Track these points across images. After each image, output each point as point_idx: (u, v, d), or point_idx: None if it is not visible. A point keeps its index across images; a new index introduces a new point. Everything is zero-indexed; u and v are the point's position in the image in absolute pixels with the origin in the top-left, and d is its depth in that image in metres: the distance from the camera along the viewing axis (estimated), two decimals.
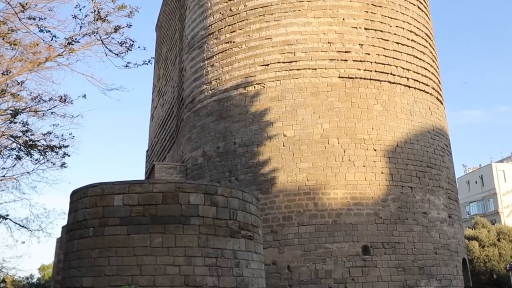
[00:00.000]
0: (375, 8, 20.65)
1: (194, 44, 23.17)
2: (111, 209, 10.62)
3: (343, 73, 19.57)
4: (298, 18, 20.16)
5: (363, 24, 20.28)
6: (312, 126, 18.92)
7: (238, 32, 20.93)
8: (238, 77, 20.46)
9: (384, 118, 19.44)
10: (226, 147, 20.10)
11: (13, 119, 18.00)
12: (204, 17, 22.75)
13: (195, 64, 22.76)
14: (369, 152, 18.82)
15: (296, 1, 20.37)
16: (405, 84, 20.44)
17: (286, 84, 19.59)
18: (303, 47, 19.83)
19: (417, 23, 21.85)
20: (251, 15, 20.83)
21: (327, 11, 20.19)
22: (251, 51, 20.40)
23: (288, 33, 20.06)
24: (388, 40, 20.47)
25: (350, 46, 19.90)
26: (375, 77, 19.83)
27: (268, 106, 19.56)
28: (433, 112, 21.31)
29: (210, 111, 21.15)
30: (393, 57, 20.39)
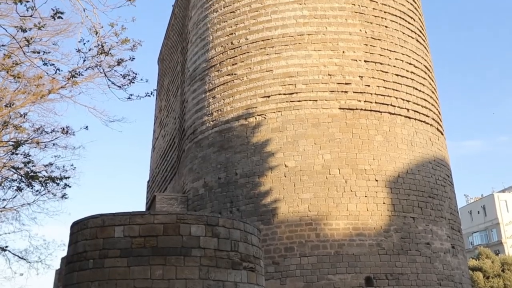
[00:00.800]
0: (374, 41, 20.99)
1: (195, 76, 23.46)
2: (112, 241, 10.54)
3: (343, 105, 19.74)
4: (298, 51, 20.47)
5: (363, 57, 20.58)
6: (313, 157, 18.96)
7: (240, 64, 21.23)
8: (239, 109, 20.63)
9: (385, 148, 19.50)
10: (227, 177, 20.10)
11: (14, 150, 18.07)
12: (205, 50, 23.10)
13: (196, 96, 22.98)
14: (371, 182, 18.80)
15: (297, 34, 20.74)
16: (406, 115, 20.58)
17: (287, 115, 19.74)
18: (303, 79, 20.07)
19: (416, 56, 22.16)
20: (252, 48, 21.17)
21: (327, 44, 20.52)
22: (252, 83, 20.64)
23: (288, 65, 20.33)
24: (387, 72, 20.72)
25: (350, 78, 20.14)
26: (376, 108, 19.99)
27: (269, 137, 19.66)
28: (433, 142, 21.38)
29: (212, 142, 21.24)
30: (393, 89, 20.61)
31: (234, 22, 22.06)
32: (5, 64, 15.88)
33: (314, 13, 20.96)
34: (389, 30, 21.54)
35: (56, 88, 19.62)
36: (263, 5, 21.55)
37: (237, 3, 22.27)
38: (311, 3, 21.12)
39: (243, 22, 21.81)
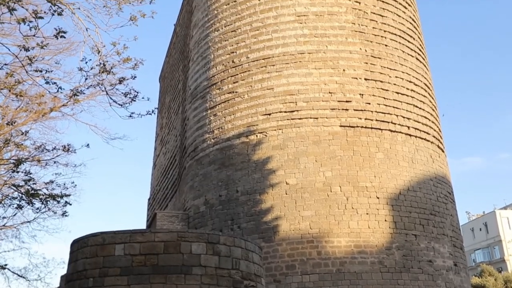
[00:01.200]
0: (374, 60, 21.13)
1: (197, 94, 23.58)
2: (112, 259, 10.50)
3: (344, 122, 19.81)
4: (299, 69, 20.61)
5: (363, 75, 20.71)
6: (314, 174, 18.96)
7: (241, 82, 21.36)
8: (240, 126, 20.70)
9: (386, 166, 19.50)
10: (228, 195, 20.07)
11: (15, 168, 18.08)
12: (207, 68, 23.26)
13: (198, 114, 23.08)
14: (372, 199, 18.76)
15: (297, 53, 20.90)
16: (406, 133, 20.63)
17: (288, 133, 19.79)
18: (304, 97, 20.17)
19: (416, 74, 22.30)
20: (253, 67, 21.32)
21: (328, 62, 20.67)
22: (253, 101, 20.74)
23: (289, 83, 20.46)
24: (388, 90, 20.83)
25: (350, 95, 20.25)
26: (376, 125, 20.04)
27: (270, 155, 19.68)
28: (434, 160, 21.38)
29: (213, 160, 21.26)
30: (394, 106, 20.69)
31: (235, 41, 22.26)
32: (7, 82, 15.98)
33: (314, 32, 21.16)
34: (389, 49, 21.71)
35: (57, 106, 19.72)
36: (264, 24, 21.77)
37: (238, 22, 22.50)
38: (311, 22, 21.33)
39: (244, 41, 22.01)
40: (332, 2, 21.69)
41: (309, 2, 21.66)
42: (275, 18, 21.68)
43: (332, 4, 21.66)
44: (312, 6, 21.60)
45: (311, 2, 21.66)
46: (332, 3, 21.68)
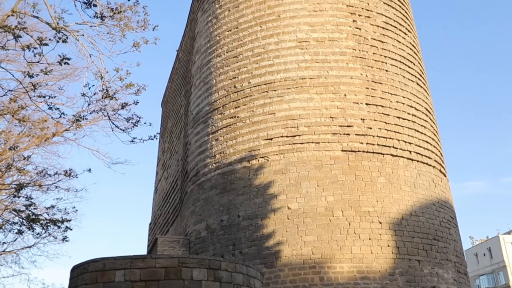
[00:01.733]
0: (375, 85, 21.28)
1: (199, 119, 23.69)
2: (112, 285, 10.40)
3: (346, 147, 19.83)
4: (300, 94, 20.75)
5: (364, 100, 20.82)
6: (316, 199, 18.89)
7: (242, 107, 21.48)
8: (242, 151, 20.73)
9: (388, 190, 19.43)
10: (230, 220, 19.97)
11: (17, 193, 18.07)
12: (209, 93, 23.43)
13: (199, 138, 23.14)
14: (375, 224, 18.63)
15: (299, 78, 21.07)
16: (408, 157, 20.62)
17: (290, 157, 19.79)
18: (306, 122, 20.24)
19: (417, 99, 22.42)
20: (255, 92, 21.47)
21: (329, 88, 20.81)
22: (255, 125, 20.81)
23: (291, 108, 20.57)
24: (389, 115, 20.91)
25: (352, 120, 20.32)
26: (378, 150, 20.05)
27: (272, 179, 19.64)
28: (437, 184, 21.31)
29: (214, 184, 21.22)
30: (395, 131, 20.74)
31: (237, 66, 22.48)
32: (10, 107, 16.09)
33: (315, 58, 21.37)
34: (390, 74, 21.88)
35: (60, 131, 19.83)
36: (265, 50, 22.01)
37: (240, 48, 22.76)
38: (312, 48, 21.56)
39: (246, 66, 22.22)
40: (333, 29, 21.97)
41: (310, 28, 21.94)
42: (276, 44, 21.93)
43: (333, 30, 21.93)
44: (313, 32, 21.86)
45: (312, 28, 21.94)
46: (332, 29, 21.95)
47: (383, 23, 22.95)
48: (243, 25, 23.17)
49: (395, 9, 24.05)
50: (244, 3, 23.63)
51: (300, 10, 22.34)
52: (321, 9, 22.31)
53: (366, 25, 22.44)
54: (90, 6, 11.12)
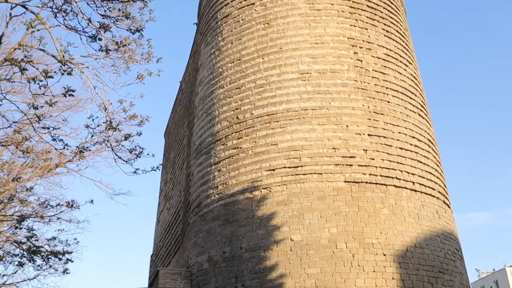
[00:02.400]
0: (377, 116, 21.37)
1: (201, 150, 23.74)
2: None
3: (348, 178, 19.77)
4: (303, 125, 20.84)
5: (367, 131, 20.87)
6: (319, 230, 18.72)
7: (245, 138, 21.55)
8: (244, 182, 20.68)
9: (392, 222, 19.27)
10: (232, 252, 19.77)
11: (18, 224, 18.00)
12: (211, 125, 23.55)
13: (202, 169, 23.14)
14: (379, 257, 18.40)
15: (301, 109, 21.20)
16: (411, 188, 20.52)
17: (293, 188, 19.73)
18: (308, 153, 20.26)
19: (419, 130, 22.47)
20: (257, 123, 21.57)
21: (331, 119, 20.91)
22: (257, 156, 20.83)
23: (293, 139, 20.62)
24: (391, 146, 20.92)
25: (354, 151, 20.32)
26: (381, 181, 19.98)
27: (274, 211, 19.53)
28: (441, 216, 21.15)
29: (217, 216, 21.10)
30: (398, 162, 20.71)
31: (240, 97, 22.66)
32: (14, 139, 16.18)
33: (317, 89, 21.54)
34: (392, 105, 22.00)
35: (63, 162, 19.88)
36: (267, 82, 22.22)
37: (243, 79, 22.99)
38: (314, 80, 21.76)
39: (248, 97, 22.40)
40: (334, 60, 22.22)
41: (312, 60, 22.20)
42: (278, 75, 22.16)
43: (334, 62, 22.18)
44: (315, 64, 22.11)
45: (314, 60, 22.20)
46: (334, 61, 22.20)
47: (384, 55, 23.22)
48: (245, 57, 23.46)
49: (396, 42, 24.37)
50: (246, 36, 24.00)
51: (302, 42, 22.65)
52: (322, 41, 22.62)
53: (367, 57, 22.70)
54: (95, 40, 11.31)
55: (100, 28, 11.07)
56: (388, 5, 25.43)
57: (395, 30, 24.78)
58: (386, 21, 24.57)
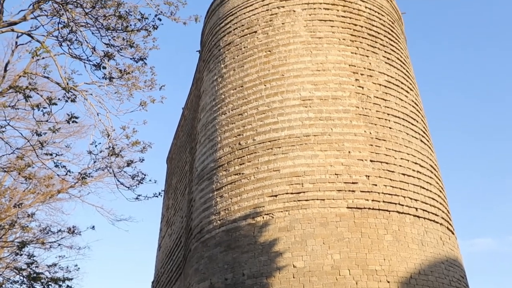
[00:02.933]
0: (379, 142, 21.41)
1: (203, 176, 23.73)
2: None
3: (351, 204, 19.70)
4: (305, 151, 20.87)
5: (369, 157, 20.89)
6: (322, 257, 18.56)
7: (247, 164, 21.57)
8: (246, 208, 20.62)
9: (396, 248, 19.10)
10: (234, 278, 19.57)
11: (19, 251, 17.93)
12: (214, 150, 23.61)
13: (204, 195, 23.09)
14: (382, 284, 18.18)
15: (303, 135, 21.27)
16: (414, 214, 20.41)
17: (295, 214, 19.65)
18: (310, 179, 20.23)
19: (421, 155, 22.48)
20: (259, 149, 21.63)
21: (333, 145, 20.95)
22: (259, 182, 20.81)
23: (295, 165, 20.62)
24: (394, 172, 20.90)
25: (357, 177, 20.29)
26: (384, 207, 19.89)
27: (277, 237, 19.40)
28: (445, 242, 20.97)
29: (219, 242, 20.96)
30: (400, 188, 20.65)
31: (242, 124, 22.77)
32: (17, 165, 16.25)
33: (319, 115, 21.65)
34: (393, 131, 22.06)
35: (65, 188, 19.91)
36: (270, 108, 22.36)
37: (245, 106, 23.14)
38: (316, 106, 21.90)
39: (250, 124, 22.51)
40: (336, 87, 22.39)
41: (314, 87, 22.38)
42: (280, 102, 22.30)
43: (336, 89, 22.35)
44: (317, 91, 22.28)
45: (316, 87, 22.37)
46: (336, 87, 22.37)
47: (385, 82, 23.40)
48: (247, 84, 23.68)
49: (397, 69, 24.59)
50: (249, 63, 24.26)
51: (303, 69, 22.87)
52: (324, 68, 22.84)
53: (368, 83, 22.88)
54: (99, 68, 11.46)
55: (104, 56, 11.23)
56: (389, 33, 25.76)
57: (395, 57, 25.04)
58: (386, 49, 24.85)
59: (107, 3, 11.00)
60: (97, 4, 10.66)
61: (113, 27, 11.42)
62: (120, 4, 11.19)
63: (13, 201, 19.56)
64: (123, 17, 11.13)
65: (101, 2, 10.73)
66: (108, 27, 11.27)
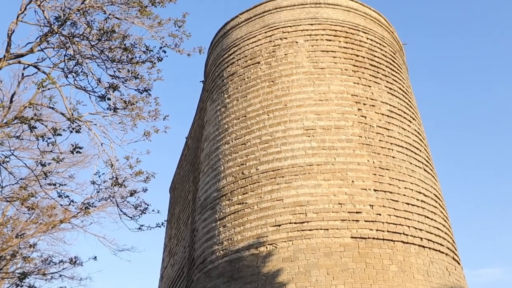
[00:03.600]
0: (382, 171, 21.37)
1: (206, 205, 23.66)
2: None
3: (355, 233, 19.54)
4: (308, 180, 20.83)
5: (372, 186, 20.81)
6: (326, 287, 18.31)
7: (250, 193, 21.51)
8: (250, 238, 20.46)
9: (401, 279, 18.84)
10: None
11: (20, 282, 17.77)
12: (217, 180, 23.59)
13: (207, 225, 22.97)
14: None
15: (306, 164, 21.27)
16: (419, 244, 20.20)
17: (299, 244, 19.47)
18: (314, 208, 20.13)
19: (425, 185, 22.39)
20: (262, 178, 21.60)
21: (336, 174, 20.92)
22: (263, 212, 20.71)
23: (299, 194, 20.55)
24: (398, 201, 20.79)
25: (360, 206, 20.19)
26: (388, 237, 19.71)
27: (280, 267, 19.19)
28: (451, 272, 20.68)
29: (222, 272, 20.73)
30: (405, 217, 20.49)
31: (245, 153, 22.82)
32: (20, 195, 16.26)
33: (322, 145, 21.69)
34: (397, 161, 22.04)
35: (68, 217, 19.84)
36: (273, 138, 22.43)
37: (248, 135, 23.24)
38: (319, 136, 21.96)
39: (253, 153, 22.55)
40: (339, 117, 22.49)
41: (316, 117, 22.49)
42: (283, 131, 22.39)
43: (339, 118, 22.45)
44: (319, 121, 22.38)
45: (318, 117, 22.48)
46: (338, 117, 22.48)
47: (387, 112, 23.52)
48: (251, 113, 23.83)
49: (399, 98, 24.75)
50: (252, 93, 24.47)
51: (306, 99, 23.04)
52: (326, 98, 23.01)
53: (371, 113, 23.00)
54: (104, 99, 11.59)
55: (109, 88, 11.37)
56: (390, 64, 26.03)
57: (397, 87, 25.23)
58: (388, 79, 25.07)
59: (112, 36, 11.20)
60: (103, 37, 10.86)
61: (118, 59, 11.60)
62: (126, 37, 11.40)
63: (15, 231, 19.48)
64: (129, 49, 11.32)
65: (107, 35, 10.93)
66: (114, 59, 11.45)
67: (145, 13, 11.43)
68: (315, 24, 25.67)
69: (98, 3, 11.30)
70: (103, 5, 11.31)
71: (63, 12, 10.72)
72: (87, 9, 11.06)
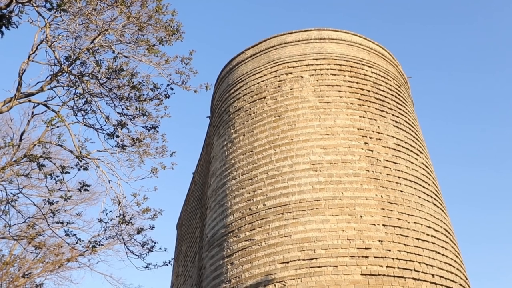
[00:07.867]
0: (391, 206, 21.14)
1: (214, 242, 23.41)
2: None
3: (365, 270, 19.16)
4: (316, 216, 20.61)
5: (381, 221, 20.55)
6: None
7: (258, 230, 21.29)
8: (258, 275, 20.12)
9: None
10: None
11: None
12: (224, 216, 23.42)
13: (214, 262, 22.66)
14: None
15: (314, 199, 21.09)
16: (431, 281, 19.76)
17: (307, 282, 19.11)
18: (322, 244, 19.84)
19: (435, 219, 22.08)
20: (270, 214, 21.42)
21: (344, 209, 20.70)
22: (270, 248, 20.44)
23: (307, 230, 20.31)
24: (407, 236, 20.47)
25: (370, 242, 19.87)
26: (399, 273, 19.32)
27: None
28: None
29: None
30: (415, 253, 20.12)
31: (252, 188, 22.71)
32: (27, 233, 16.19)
33: (329, 179, 21.56)
34: (405, 195, 21.83)
35: (74, 256, 19.68)
36: (279, 173, 22.36)
37: (255, 170, 23.18)
38: (326, 170, 21.86)
39: (260, 188, 22.44)
40: (345, 151, 22.44)
41: (323, 151, 22.45)
42: (290, 166, 22.33)
43: (346, 152, 22.40)
44: (326, 155, 22.32)
45: (325, 151, 22.44)
46: (345, 151, 22.42)
47: (394, 145, 23.46)
48: (257, 148, 23.84)
49: (405, 132, 24.73)
50: (258, 128, 24.56)
51: (312, 133, 23.07)
52: (333, 132, 23.02)
53: (378, 147, 22.94)
54: (112, 137, 11.67)
55: (117, 125, 11.46)
56: (396, 97, 26.14)
57: (403, 120, 25.25)
58: (394, 112, 25.12)
59: (121, 74, 11.36)
60: (111, 75, 11.02)
61: (126, 96, 11.73)
62: (134, 75, 11.55)
63: (22, 270, 19.29)
64: (136, 87, 11.47)
65: (115, 73, 11.09)
66: (122, 97, 11.58)
67: (152, 51, 11.62)
68: (320, 58, 25.98)
69: (107, 42, 11.52)
70: (112, 44, 11.53)
71: (73, 51, 10.92)
72: (96, 48, 11.26)
